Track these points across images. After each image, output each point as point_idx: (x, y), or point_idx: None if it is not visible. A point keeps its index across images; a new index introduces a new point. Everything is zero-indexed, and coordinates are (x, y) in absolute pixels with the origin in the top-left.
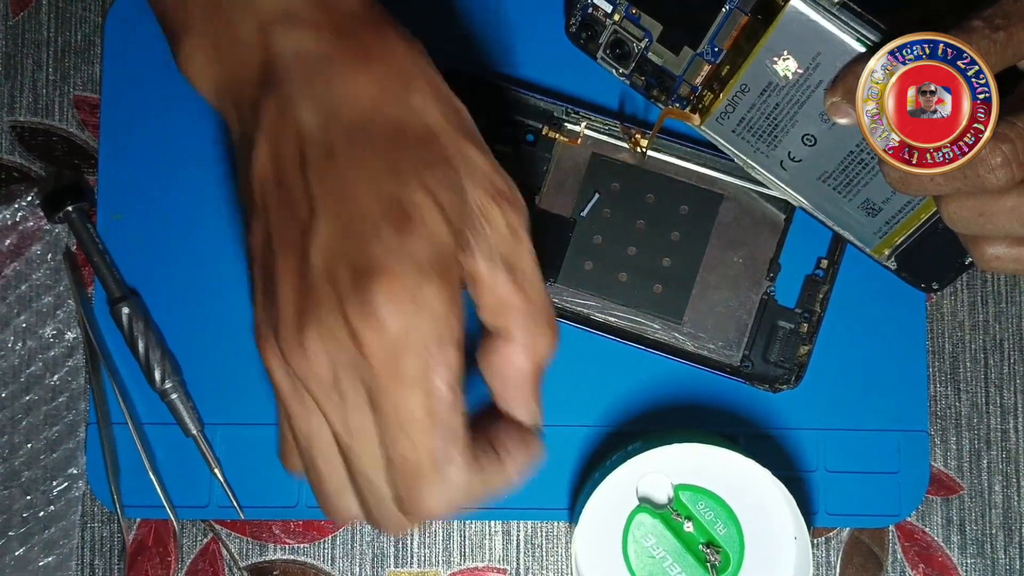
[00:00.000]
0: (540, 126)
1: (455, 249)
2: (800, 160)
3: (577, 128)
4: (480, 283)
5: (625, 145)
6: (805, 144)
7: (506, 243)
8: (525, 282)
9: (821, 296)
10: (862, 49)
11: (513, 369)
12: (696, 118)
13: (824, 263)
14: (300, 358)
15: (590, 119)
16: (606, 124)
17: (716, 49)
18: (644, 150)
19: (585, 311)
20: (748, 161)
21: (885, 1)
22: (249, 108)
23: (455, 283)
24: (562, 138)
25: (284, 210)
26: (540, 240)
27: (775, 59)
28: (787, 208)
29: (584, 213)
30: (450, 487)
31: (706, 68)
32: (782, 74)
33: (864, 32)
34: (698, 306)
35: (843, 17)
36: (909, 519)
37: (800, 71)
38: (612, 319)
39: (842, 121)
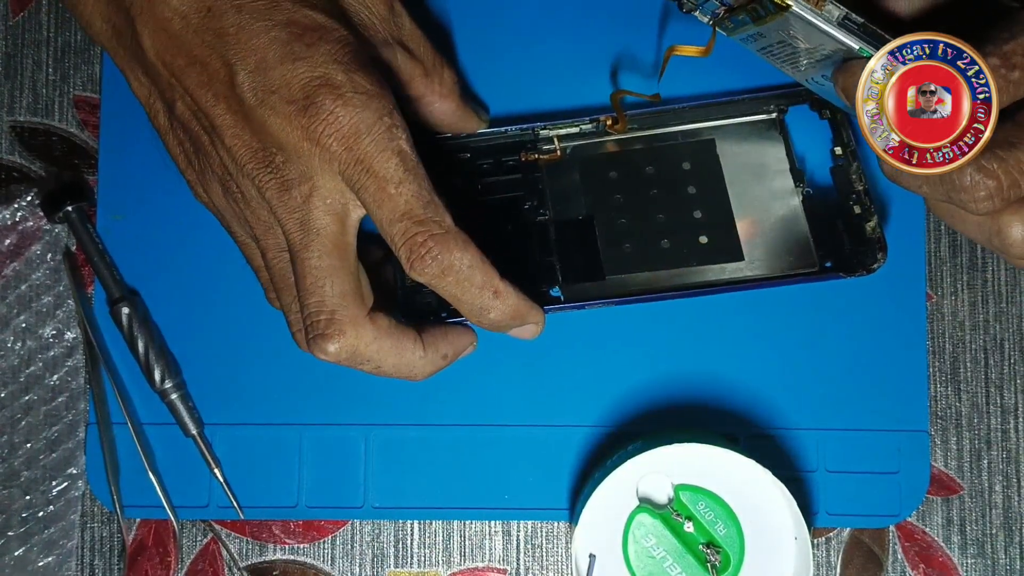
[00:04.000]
0: (516, 156)
1: (364, 39)
2: (825, 84)
3: (552, 144)
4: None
5: (604, 138)
6: (827, 80)
7: (387, 23)
8: (411, 41)
9: (855, 175)
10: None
11: (434, 105)
12: (706, 48)
13: (838, 150)
14: (269, 175)
15: (558, 129)
16: (575, 124)
17: None
18: (653, 100)
19: (646, 286)
20: (779, 68)
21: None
22: (122, 20)
23: (375, 65)
24: (542, 157)
25: (195, 71)
26: (572, 248)
27: (788, 29)
28: (777, 119)
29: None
30: (442, 215)
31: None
32: (794, 41)
33: (869, 47)
34: (751, 239)
35: (846, 29)
36: (909, 519)
37: (811, 47)
38: (678, 283)
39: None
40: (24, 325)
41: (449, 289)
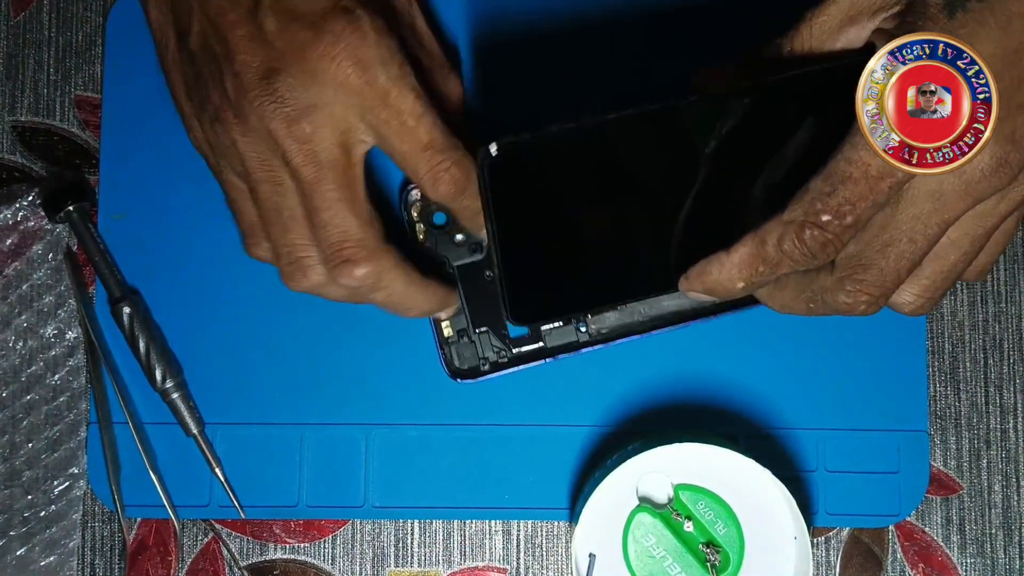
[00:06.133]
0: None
1: None
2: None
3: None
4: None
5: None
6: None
7: (403, 3)
8: (422, 36)
9: None
10: None
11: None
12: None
13: None
14: (275, 104)
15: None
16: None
17: None
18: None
19: (606, 328)
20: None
21: None
22: None
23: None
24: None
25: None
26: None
27: None
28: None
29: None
30: (458, 143)
31: None
32: None
33: None
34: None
35: None
36: (909, 519)
37: None
38: (640, 318)
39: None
40: (25, 325)
41: (463, 204)
